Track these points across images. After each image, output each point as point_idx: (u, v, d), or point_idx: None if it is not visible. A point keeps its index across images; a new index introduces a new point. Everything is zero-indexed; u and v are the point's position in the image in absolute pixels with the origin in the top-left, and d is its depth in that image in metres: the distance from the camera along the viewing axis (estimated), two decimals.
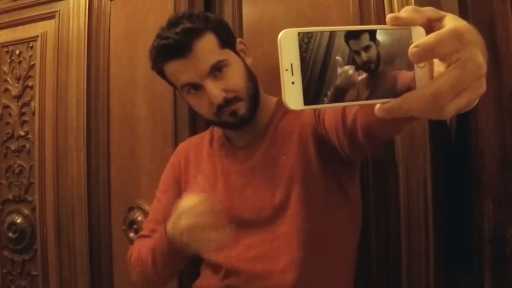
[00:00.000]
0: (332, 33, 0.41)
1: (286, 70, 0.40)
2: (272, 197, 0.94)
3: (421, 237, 1.04)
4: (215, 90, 0.90)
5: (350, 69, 0.41)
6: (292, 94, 0.40)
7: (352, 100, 0.42)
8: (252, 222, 0.96)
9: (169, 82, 0.98)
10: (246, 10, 1.32)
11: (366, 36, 0.42)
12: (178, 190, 1.07)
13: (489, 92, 0.42)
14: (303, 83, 0.40)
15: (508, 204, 1.00)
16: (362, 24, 1.12)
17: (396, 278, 1.07)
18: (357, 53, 0.42)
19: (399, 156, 1.07)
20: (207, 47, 0.91)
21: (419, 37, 0.40)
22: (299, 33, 0.41)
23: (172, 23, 0.92)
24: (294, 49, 0.40)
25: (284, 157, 0.95)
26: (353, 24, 1.12)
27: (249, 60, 1.00)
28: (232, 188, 1.00)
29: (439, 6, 0.43)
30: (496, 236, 1.00)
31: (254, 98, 0.96)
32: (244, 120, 0.95)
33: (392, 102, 0.41)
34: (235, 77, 0.93)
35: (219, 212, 0.84)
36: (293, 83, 0.40)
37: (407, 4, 1.04)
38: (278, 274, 0.91)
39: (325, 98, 0.41)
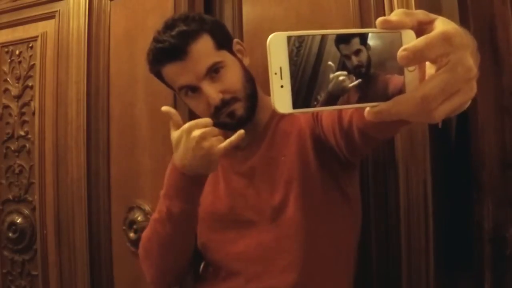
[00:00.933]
0: (323, 37, 0.41)
1: (275, 73, 0.40)
2: (271, 198, 0.94)
3: (421, 237, 1.04)
4: (212, 91, 0.91)
5: (341, 75, 0.41)
6: (281, 98, 0.41)
7: (343, 104, 0.42)
8: (252, 222, 0.96)
9: (167, 85, 0.99)
10: (246, 10, 1.32)
11: (356, 40, 0.42)
12: None
13: (489, 92, 0.42)
14: (292, 86, 0.40)
15: (508, 204, 1.00)
16: (362, 25, 1.12)
17: (396, 278, 1.07)
18: (348, 57, 0.42)
19: (399, 156, 1.07)
20: (203, 49, 0.91)
21: (409, 41, 0.40)
22: (288, 37, 0.41)
23: (168, 26, 0.92)
24: (283, 52, 0.40)
25: (283, 158, 0.95)
26: (353, 25, 1.12)
27: (246, 61, 1.00)
28: (233, 188, 1.00)
29: (439, 7, 0.43)
30: (496, 236, 1.00)
31: (251, 99, 0.96)
32: (242, 121, 0.95)
33: (382, 105, 0.41)
34: (232, 78, 0.94)
35: (206, 122, 0.84)
36: (282, 86, 0.40)
37: (407, 5, 1.04)
38: (277, 274, 0.91)
39: (315, 102, 0.41)
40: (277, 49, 0.40)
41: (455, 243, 1.14)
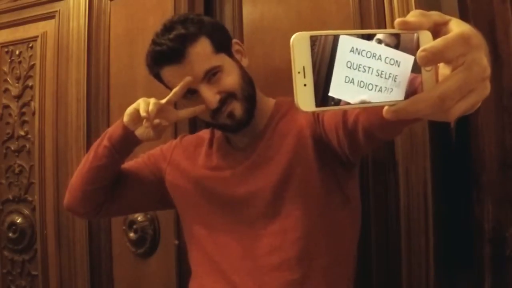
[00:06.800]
0: (344, 37, 0.42)
1: (299, 72, 0.41)
2: (268, 196, 0.94)
3: (421, 237, 1.04)
4: (210, 95, 0.91)
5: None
6: (304, 96, 0.41)
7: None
8: (249, 220, 0.96)
9: (167, 86, 0.99)
10: (246, 10, 1.32)
11: (375, 40, 0.43)
12: (154, 172, 1.09)
13: (489, 92, 0.43)
14: (315, 85, 0.41)
15: (508, 204, 1.00)
16: (362, 25, 1.12)
17: (396, 278, 1.07)
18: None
19: (399, 156, 1.07)
20: (201, 52, 0.91)
21: (427, 41, 0.41)
22: (311, 36, 0.41)
23: (166, 28, 0.92)
24: (306, 52, 0.41)
25: (280, 157, 0.95)
26: (353, 26, 1.12)
27: (245, 61, 1.00)
28: (229, 187, 1.00)
29: (439, 8, 0.43)
30: (496, 236, 1.00)
31: (250, 100, 0.96)
32: (242, 123, 0.95)
33: (400, 104, 0.42)
34: (229, 81, 0.93)
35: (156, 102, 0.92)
36: (305, 85, 0.41)
37: (407, 6, 1.04)
38: (273, 272, 0.91)
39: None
40: (300, 48, 0.41)
41: (455, 243, 1.14)
